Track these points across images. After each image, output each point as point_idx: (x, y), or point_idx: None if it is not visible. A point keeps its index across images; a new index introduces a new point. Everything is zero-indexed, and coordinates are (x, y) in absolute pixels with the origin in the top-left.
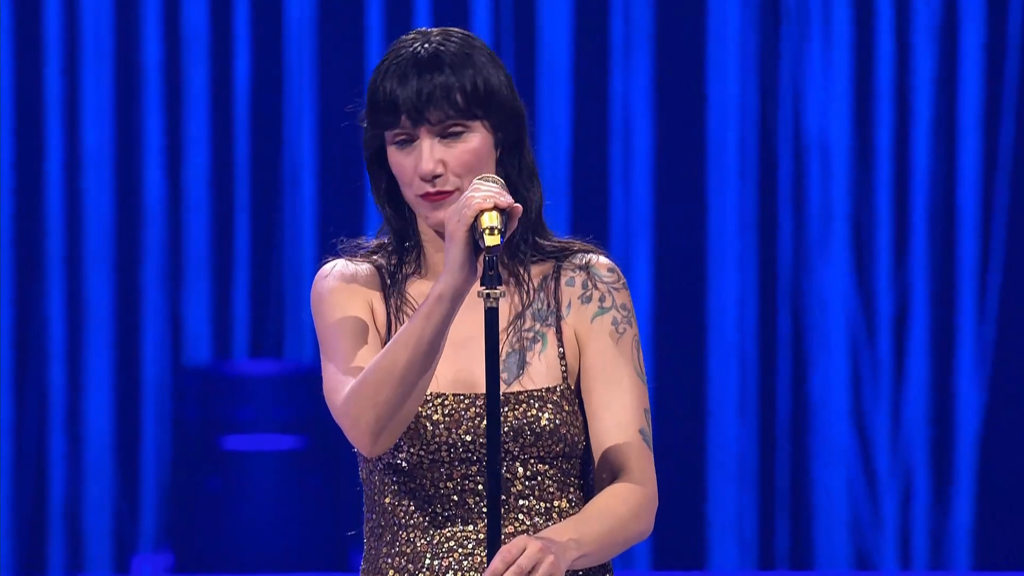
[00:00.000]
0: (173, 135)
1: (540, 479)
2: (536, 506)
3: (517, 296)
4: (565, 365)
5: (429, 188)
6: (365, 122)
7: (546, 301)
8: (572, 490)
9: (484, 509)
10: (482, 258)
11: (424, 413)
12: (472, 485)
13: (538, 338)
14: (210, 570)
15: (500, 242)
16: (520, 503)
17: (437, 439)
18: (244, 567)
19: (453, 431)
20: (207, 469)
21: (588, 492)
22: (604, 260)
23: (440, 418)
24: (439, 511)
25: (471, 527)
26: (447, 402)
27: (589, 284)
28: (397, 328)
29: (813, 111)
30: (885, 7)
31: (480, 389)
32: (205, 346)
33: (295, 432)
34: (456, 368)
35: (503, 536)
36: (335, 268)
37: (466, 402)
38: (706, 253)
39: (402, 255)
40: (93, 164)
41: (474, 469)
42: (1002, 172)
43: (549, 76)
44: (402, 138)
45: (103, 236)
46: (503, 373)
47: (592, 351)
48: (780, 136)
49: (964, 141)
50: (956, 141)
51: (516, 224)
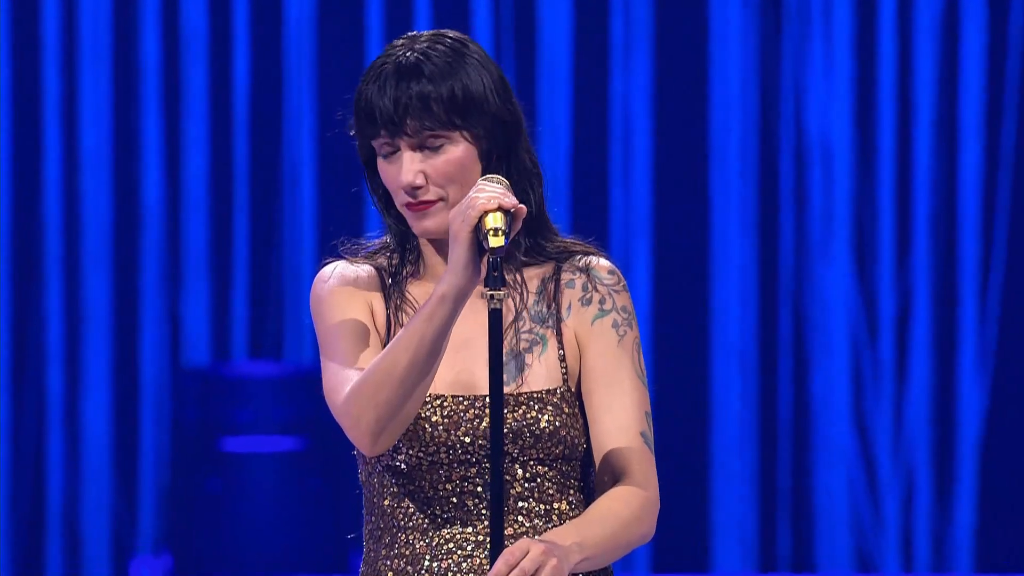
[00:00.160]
0: (172, 135)
1: (540, 481)
2: (536, 508)
3: (517, 298)
4: (565, 367)
5: (411, 199)
6: (352, 131)
7: (546, 303)
8: (572, 492)
9: (483, 511)
10: (486, 259)
11: (423, 415)
12: (471, 487)
13: (538, 340)
14: (209, 572)
15: (504, 243)
16: (520, 505)
17: (436, 441)
18: (243, 569)
19: (452, 433)
20: (206, 471)
21: (588, 494)
22: (604, 262)
23: (439, 420)
24: (438, 513)
25: (470, 529)
26: (446, 404)
27: (589, 286)
28: (397, 329)
29: (814, 111)
30: (886, 7)
31: (479, 391)
32: (204, 347)
33: (294, 433)
34: (455, 369)
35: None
36: (335, 270)
37: (465, 403)
38: (707, 254)
39: (403, 256)
40: (92, 164)
41: (473, 471)
42: (1004, 173)
43: (549, 76)
44: (386, 149)
45: (102, 237)
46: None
47: (592, 353)
48: (781, 137)
49: (965, 142)
50: (957, 142)
51: (520, 225)
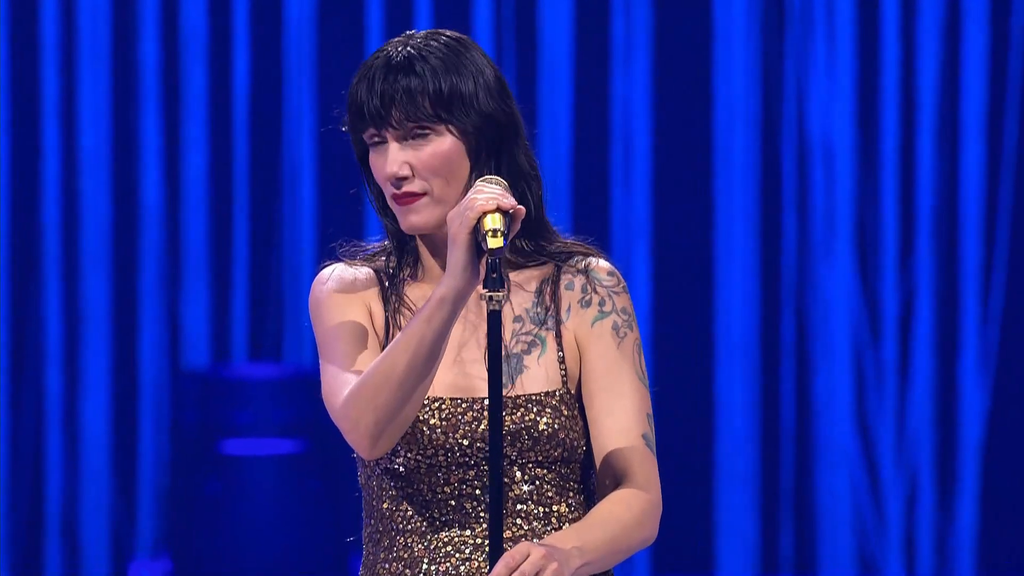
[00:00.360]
0: (171, 136)
1: (538, 484)
2: (535, 511)
3: (516, 299)
4: (565, 369)
5: (396, 191)
6: (345, 126)
7: (545, 305)
8: (572, 494)
9: (482, 513)
10: (484, 261)
11: (421, 417)
12: (470, 490)
13: (537, 342)
14: (208, 575)
15: (503, 244)
16: (518, 507)
17: (434, 444)
18: (243, 572)
19: (450, 435)
20: (205, 473)
21: (589, 496)
22: (604, 263)
23: (437, 422)
24: (437, 516)
25: (469, 532)
26: (444, 406)
27: (588, 288)
28: (395, 331)
29: (816, 112)
30: (889, 8)
31: (477, 393)
32: (203, 349)
33: (294, 436)
34: (453, 372)
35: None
36: (333, 272)
37: (463, 406)
38: (710, 255)
39: (401, 258)
40: (90, 165)
41: (472, 473)
42: (1006, 174)
43: (550, 76)
44: (375, 140)
45: (100, 238)
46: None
47: (593, 356)
48: (783, 137)
49: (967, 142)
50: (959, 142)
51: (519, 226)
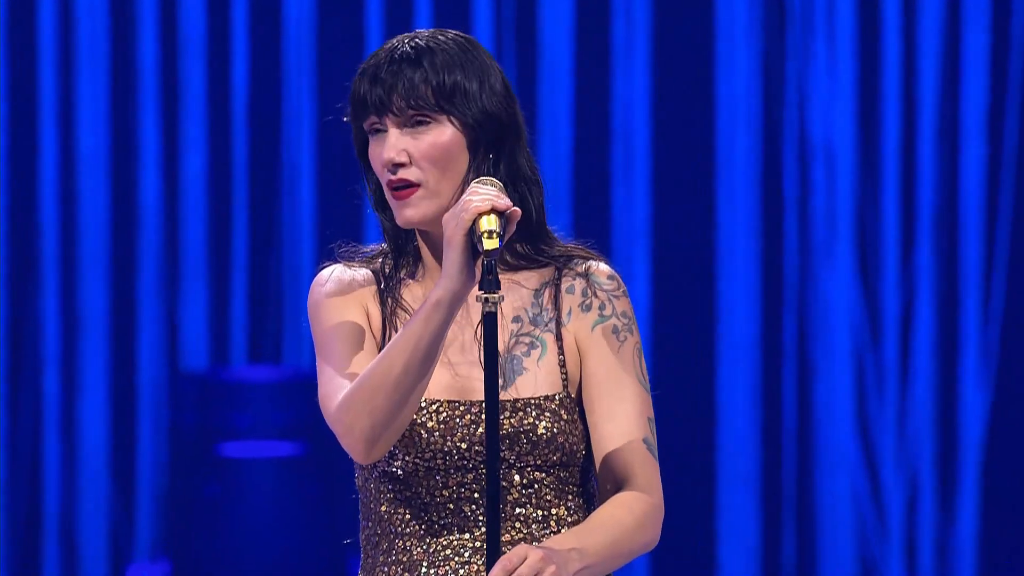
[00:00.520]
0: (170, 137)
1: (537, 487)
2: (533, 514)
3: (514, 303)
4: (566, 373)
5: (391, 176)
6: (347, 118)
7: (546, 307)
8: (571, 498)
9: (481, 517)
10: (480, 262)
11: (418, 420)
12: (468, 493)
13: (537, 344)
14: None
15: (499, 246)
16: (517, 511)
17: (432, 447)
18: (242, 575)
19: (448, 438)
20: (204, 476)
21: (588, 500)
22: (604, 267)
23: (435, 425)
24: (435, 519)
25: (467, 535)
26: (441, 409)
27: (589, 291)
28: (392, 333)
29: (817, 114)
30: (890, 10)
31: (475, 396)
32: (202, 351)
33: (294, 438)
34: (451, 374)
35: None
36: (332, 273)
37: (461, 409)
38: (711, 257)
39: (398, 258)
40: (88, 166)
41: (470, 477)
42: (1006, 175)
43: (550, 77)
44: (374, 128)
45: (98, 239)
46: (499, 379)
47: (593, 360)
48: (785, 139)
49: (968, 144)
50: (960, 144)
51: (515, 227)
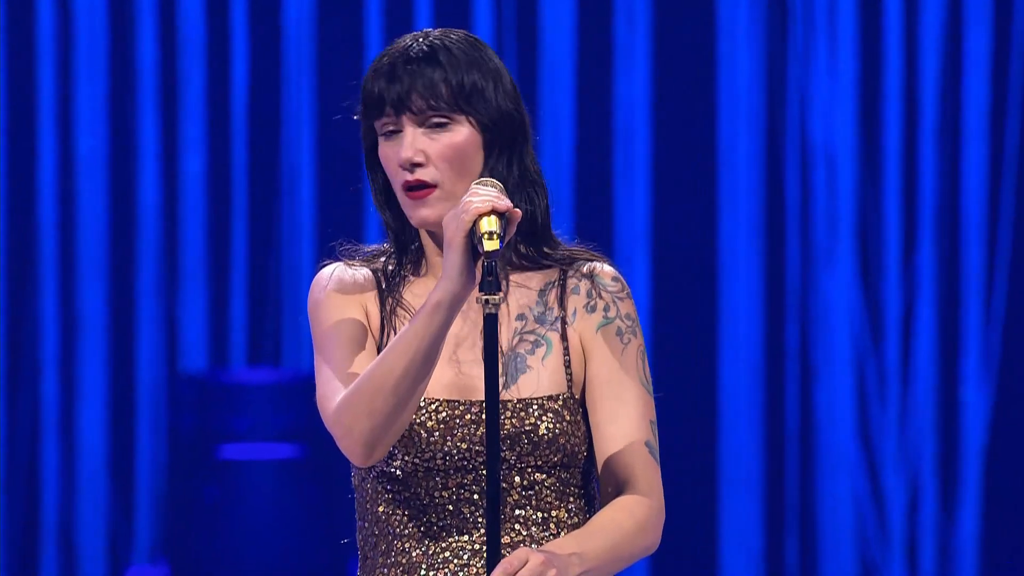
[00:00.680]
0: (169, 138)
1: (537, 488)
2: (533, 516)
3: (516, 299)
4: (570, 373)
5: (408, 176)
6: (358, 116)
7: (551, 307)
8: (572, 500)
9: (480, 518)
10: (481, 263)
11: (417, 420)
12: (468, 494)
13: (542, 342)
14: None
15: (499, 247)
16: (516, 513)
17: (432, 447)
18: None
19: (448, 439)
20: (203, 478)
21: (590, 502)
22: (608, 268)
23: (434, 425)
24: (434, 520)
25: (467, 537)
26: (441, 409)
27: (593, 293)
28: (391, 334)
29: (818, 116)
30: (891, 12)
31: (476, 395)
32: (201, 353)
33: (293, 441)
34: (451, 373)
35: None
36: (333, 273)
37: (460, 409)
38: (713, 259)
39: (401, 257)
40: (87, 167)
41: (470, 478)
42: (1007, 177)
43: (551, 78)
44: (388, 128)
45: (97, 241)
46: (501, 378)
47: (596, 362)
48: (787, 141)
49: (969, 146)
50: (961, 146)
51: (515, 229)
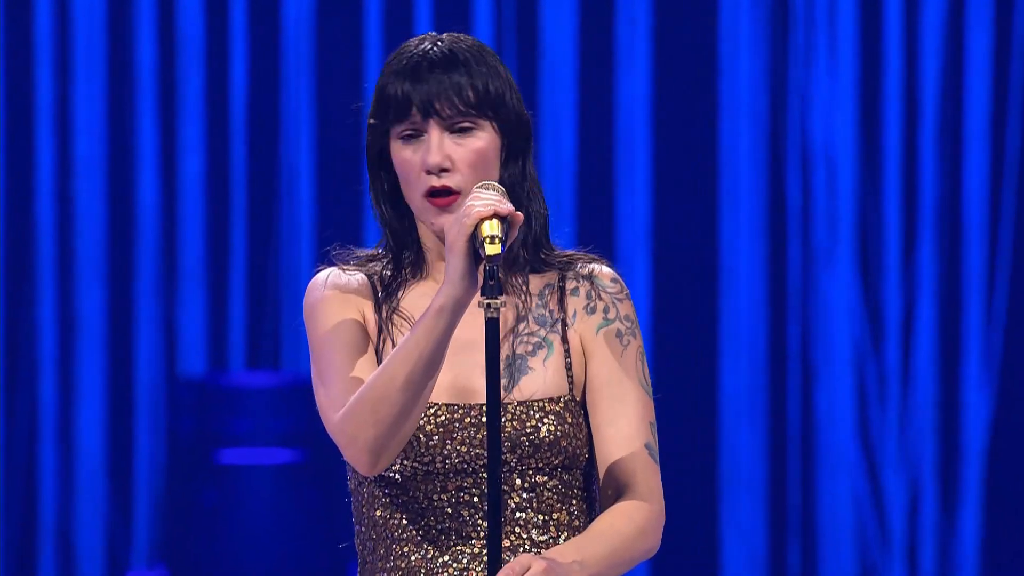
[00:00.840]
0: (167, 140)
1: (539, 491)
2: (534, 519)
3: (519, 304)
4: (571, 376)
5: (435, 181)
6: (373, 119)
7: (551, 309)
8: (574, 502)
9: (480, 522)
10: (483, 268)
11: (416, 424)
12: (467, 497)
13: (543, 345)
14: None
15: (501, 251)
16: (517, 516)
17: (431, 451)
18: None
19: (448, 442)
20: (202, 483)
21: (591, 504)
22: (607, 270)
23: (433, 429)
24: (432, 524)
25: (466, 541)
26: (440, 412)
27: (593, 294)
28: (387, 339)
29: (819, 117)
30: (891, 13)
31: (475, 399)
32: (200, 357)
33: (292, 445)
34: (452, 375)
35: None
36: (328, 278)
37: (460, 412)
38: (714, 260)
39: (399, 262)
40: (85, 169)
41: (469, 481)
42: (1008, 179)
43: (551, 79)
44: (409, 132)
45: (95, 243)
46: (502, 380)
47: (596, 364)
48: (787, 143)
49: (970, 147)
50: (961, 147)
51: (517, 232)
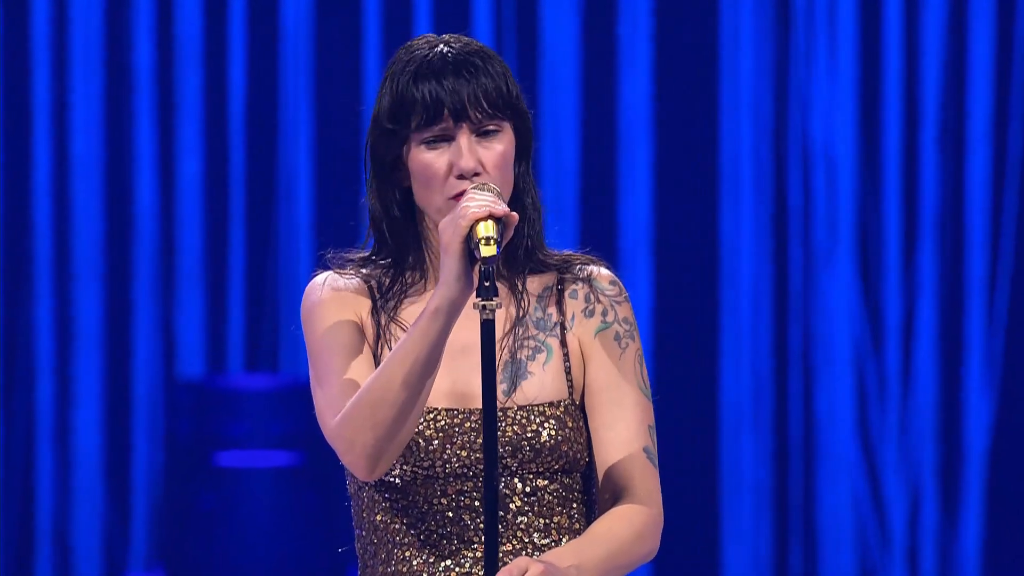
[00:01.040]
0: (165, 142)
1: (540, 495)
2: (535, 522)
3: (515, 305)
4: (571, 379)
5: (467, 185)
6: (391, 124)
7: (549, 312)
8: (575, 505)
9: (481, 526)
10: (478, 269)
11: (416, 429)
12: (468, 501)
13: (542, 348)
14: None
15: (496, 252)
16: (519, 519)
17: (431, 455)
18: None
19: (448, 447)
20: (200, 485)
21: (591, 507)
22: (605, 272)
23: (433, 434)
24: (433, 528)
25: (467, 545)
26: (440, 417)
27: (592, 297)
28: (385, 343)
29: (819, 120)
30: (892, 14)
31: (475, 403)
32: (198, 359)
33: (291, 448)
34: (451, 380)
35: (501, 554)
36: (325, 281)
37: (460, 417)
38: (715, 262)
39: (401, 267)
40: (83, 171)
41: (469, 485)
42: (1010, 180)
43: (552, 79)
44: (435, 137)
45: (93, 246)
46: (501, 384)
47: (594, 367)
48: (788, 145)
49: (971, 149)
50: (962, 149)
51: (512, 233)
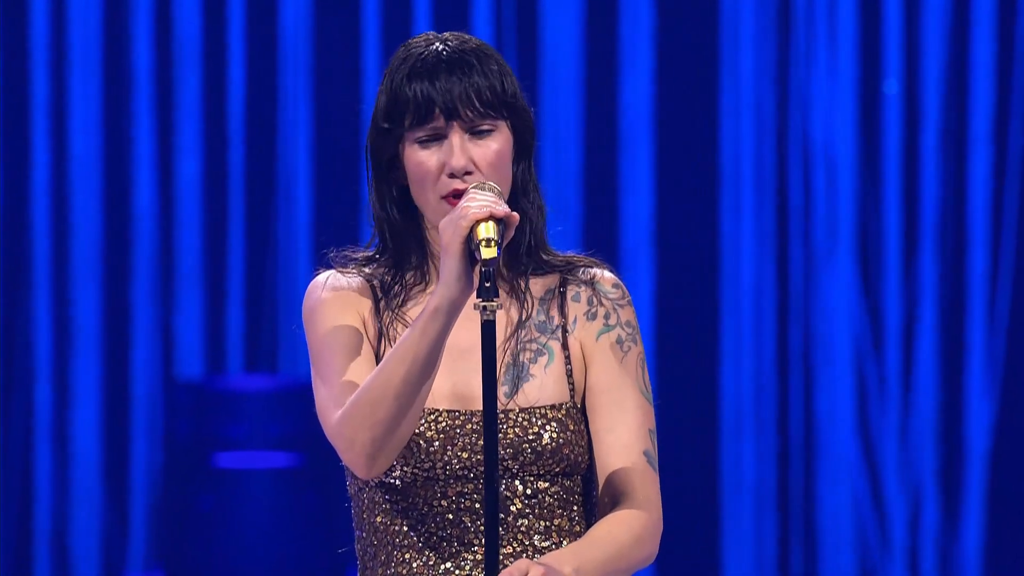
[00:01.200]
0: (164, 143)
1: (540, 497)
2: (535, 524)
3: (517, 307)
4: (572, 382)
5: (458, 184)
6: (386, 123)
7: (552, 314)
8: (575, 508)
9: (481, 528)
10: (478, 269)
11: (417, 430)
12: (468, 503)
13: (544, 351)
14: None
15: (497, 253)
16: (519, 522)
17: (432, 457)
18: None
19: (449, 448)
20: (199, 486)
21: (591, 510)
22: (609, 275)
23: (434, 435)
24: (433, 530)
25: (468, 547)
26: (441, 419)
27: (595, 300)
28: (387, 343)
29: (820, 120)
30: (892, 14)
31: (477, 405)
32: (197, 360)
33: (290, 449)
34: (452, 382)
35: (501, 556)
36: (327, 280)
37: (461, 419)
38: (715, 264)
39: (403, 267)
40: (81, 172)
41: (470, 487)
42: (1011, 182)
43: (553, 79)
44: (427, 136)
45: (92, 246)
46: (503, 387)
47: (596, 370)
48: (788, 146)
49: (972, 150)
50: (963, 151)
51: (513, 233)
